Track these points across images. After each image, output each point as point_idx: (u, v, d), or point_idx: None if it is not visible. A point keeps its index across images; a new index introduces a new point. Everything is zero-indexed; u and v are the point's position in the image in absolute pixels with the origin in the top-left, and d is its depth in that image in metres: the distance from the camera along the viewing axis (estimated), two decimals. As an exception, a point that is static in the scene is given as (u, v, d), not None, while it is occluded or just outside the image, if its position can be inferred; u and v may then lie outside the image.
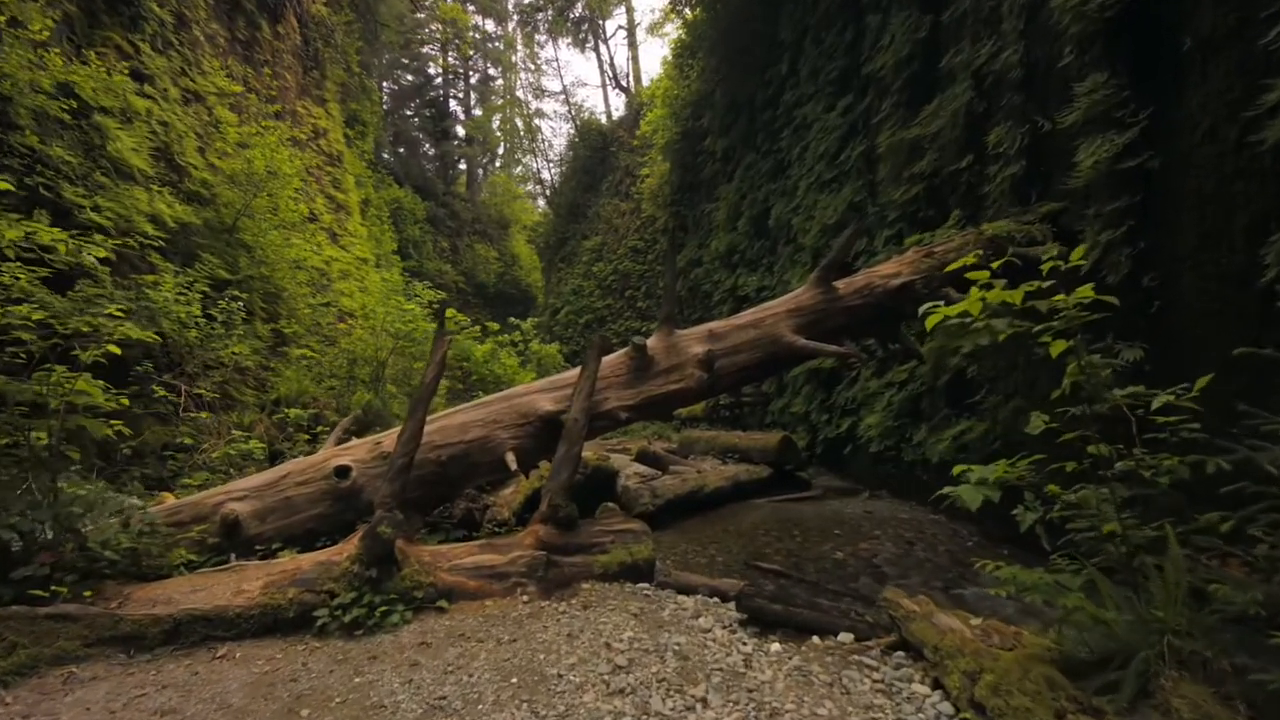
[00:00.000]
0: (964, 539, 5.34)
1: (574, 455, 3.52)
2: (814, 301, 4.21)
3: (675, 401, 4.05)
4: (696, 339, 4.11)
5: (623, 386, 3.94)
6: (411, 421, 3.29)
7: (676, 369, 4.00)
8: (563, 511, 3.37)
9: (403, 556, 2.95)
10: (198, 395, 6.37)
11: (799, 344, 4.02)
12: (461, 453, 3.58)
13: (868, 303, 4.22)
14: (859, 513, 6.39)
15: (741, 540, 5.31)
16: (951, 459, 5.92)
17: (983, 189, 5.87)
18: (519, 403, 3.79)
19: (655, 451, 8.22)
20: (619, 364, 4.01)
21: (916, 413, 6.75)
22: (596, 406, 3.84)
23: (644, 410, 3.95)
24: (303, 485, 3.46)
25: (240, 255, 9.01)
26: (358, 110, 24.02)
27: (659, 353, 4.06)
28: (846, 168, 9.17)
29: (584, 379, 3.66)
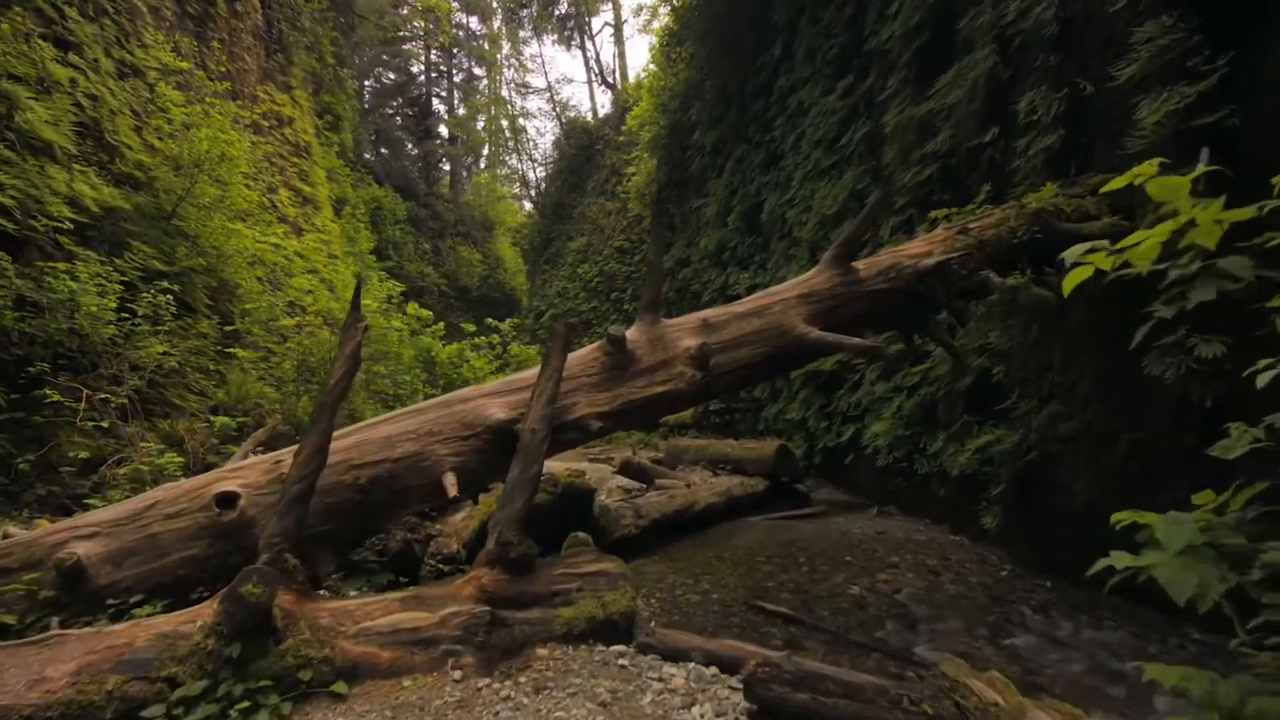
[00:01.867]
0: (995, 567, 4.60)
1: (531, 478, 2.74)
2: (829, 285, 3.47)
3: (661, 407, 3.28)
4: (688, 330, 3.34)
5: (595, 388, 3.16)
6: (312, 436, 2.47)
7: (663, 366, 3.23)
8: (514, 551, 2.59)
9: (287, 621, 2.15)
10: (104, 400, 5.49)
11: (812, 336, 3.26)
12: (386, 474, 2.77)
13: (894, 287, 3.49)
14: (869, 533, 5.65)
15: (739, 570, 4.54)
16: (975, 472, 5.20)
17: (1011, 164, 5.16)
18: (463, 410, 2.99)
19: (640, 463, 7.43)
20: (591, 361, 3.23)
21: (931, 420, 6.02)
22: (562, 414, 3.05)
23: (622, 418, 3.17)
24: (174, 518, 2.62)
25: (179, 245, 8.12)
26: (332, 103, 23.12)
27: (641, 346, 3.29)
28: (848, 153, 8.47)
29: (544, 379, 2.88)
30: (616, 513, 5.10)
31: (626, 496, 6.42)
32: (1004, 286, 3.51)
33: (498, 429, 2.93)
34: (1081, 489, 4.28)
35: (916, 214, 6.63)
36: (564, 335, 2.95)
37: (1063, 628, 3.46)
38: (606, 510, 5.00)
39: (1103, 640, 3.32)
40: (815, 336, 3.24)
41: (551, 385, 2.86)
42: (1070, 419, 4.51)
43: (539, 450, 2.77)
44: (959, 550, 5.00)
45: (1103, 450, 4.23)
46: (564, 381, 3.02)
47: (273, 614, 2.09)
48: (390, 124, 39.52)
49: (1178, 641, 3.33)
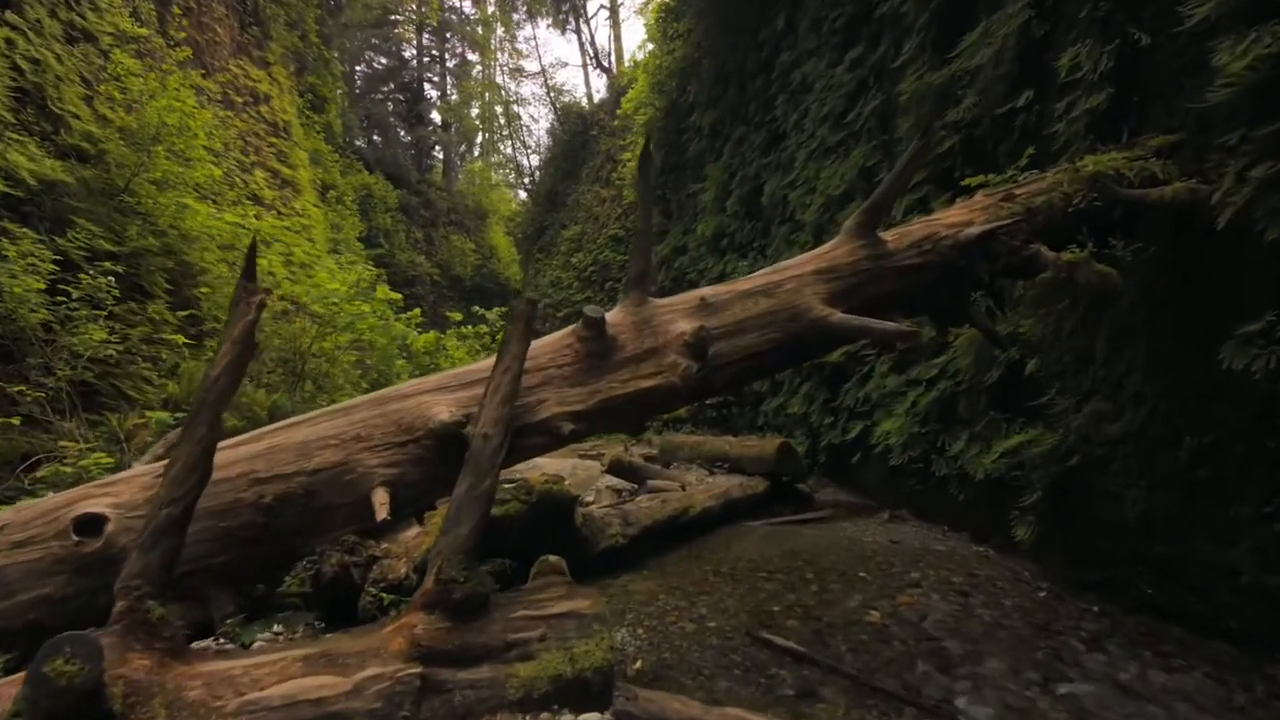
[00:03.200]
0: (1029, 585, 4.06)
1: (482, 495, 2.16)
2: (852, 259, 2.88)
3: (649, 404, 2.70)
4: (682, 312, 2.76)
5: (568, 382, 2.57)
6: (187, 446, 1.87)
7: (651, 356, 2.65)
8: (459, 591, 2.01)
9: (134, 700, 1.57)
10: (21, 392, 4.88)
11: (833, 319, 2.67)
12: (300, 490, 2.19)
13: (928, 262, 2.91)
14: (883, 542, 5.10)
15: (739, 589, 3.98)
16: (1002, 476, 4.64)
17: (1048, 130, 4.57)
18: (399, 409, 2.40)
19: (631, 461, 6.87)
20: (562, 349, 2.65)
21: (951, 417, 5.46)
22: (524, 414, 2.47)
23: (601, 418, 2.59)
24: (23, 547, 2.04)
25: (132, 224, 7.48)
26: (317, 84, 22.39)
27: (625, 331, 2.70)
28: (856, 128, 7.86)
29: (500, 371, 2.28)
30: (602, 521, 4.54)
31: (615, 501, 5.87)
32: (1058, 263, 2.93)
33: (442, 433, 2.34)
34: (1134, 499, 3.72)
35: (934, 192, 6.05)
36: (525, 316, 2.36)
37: (1125, 669, 2.91)
38: (591, 519, 4.44)
39: (1177, 687, 2.77)
40: (837, 320, 2.66)
41: (509, 379, 2.28)
42: (1117, 418, 3.95)
43: (493, 460, 2.20)
44: (985, 564, 4.45)
45: (1160, 454, 3.67)
46: (528, 374, 2.45)
47: (105, 693, 1.52)
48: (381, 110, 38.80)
49: (1265, 687, 2.79)
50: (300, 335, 6.80)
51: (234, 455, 2.29)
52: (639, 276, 2.78)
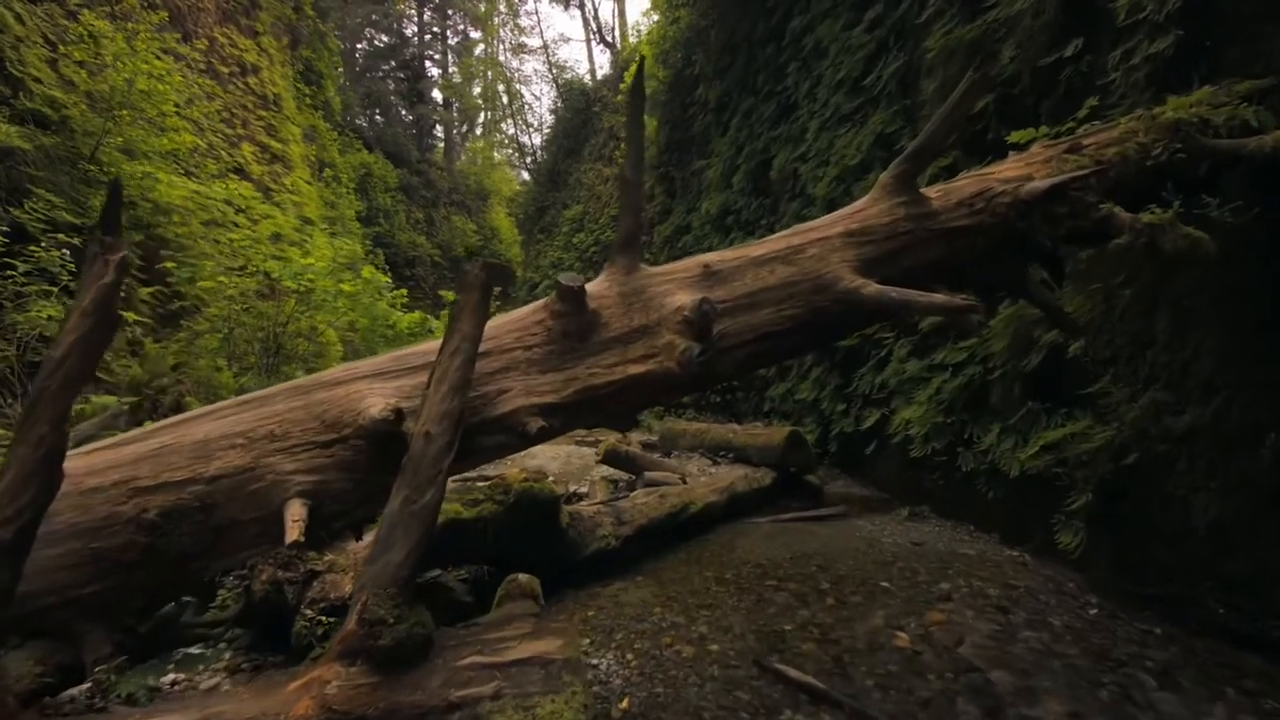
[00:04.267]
0: (1076, 600, 3.58)
1: (422, 511, 1.68)
2: (889, 219, 2.38)
3: (638, 394, 2.21)
4: (681, 281, 2.26)
5: (538, 368, 2.08)
6: (21, 448, 1.40)
7: (642, 335, 2.15)
8: (388, 635, 1.55)
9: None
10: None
11: (867, 291, 2.17)
12: (195, 503, 1.73)
13: (981, 223, 2.40)
14: (903, 544, 4.63)
15: (745, 601, 3.52)
16: (1041, 473, 4.15)
17: (1104, 80, 4.01)
18: (325, 400, 1.92)
19: (628, 451, 6.40)
20: (531, 326, 2.15)
21: (980, 406, 4.96)
22: (482, 407, 1.99)
23: (579, 411, 2.09)
24: None
25: (97, 194, 6.98)
26: (313, 58, 21.76)
27: (610, 304, 2.20)
28: (875, 92, 7.28)
29: (448, 353, 1.80)
30: (591, 520, 4.08)
31: (611, 494, 5.41)
32: (1136, 226, 2.41)
33: (375, 431, 1.86)
34: (1204, 504, 3.23)
35: (963, 159, 5.49)
36: (481, 283, 1.87)
37: (1208, 712, 2.43)
38: (579, 518, 3.97)
39: (1277, 737, 2.29)
40: (872, 292, 2.16)
41: (460, 363, 1.80)
42: (1182, 410, 3.45)
43: (436, 466, 1.72)
44: (1022, 573, 3.97)
45: (1236, 453, 3.17)
46: (486, 358, 1.97)
47: None
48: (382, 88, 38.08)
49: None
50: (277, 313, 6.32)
51: (111, 458, 1.82)
52: (627, 238, 2.28)
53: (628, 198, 2.29)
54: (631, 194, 2.28)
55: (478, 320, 1.86)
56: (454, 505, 3.11)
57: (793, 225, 7.42)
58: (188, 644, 2.56)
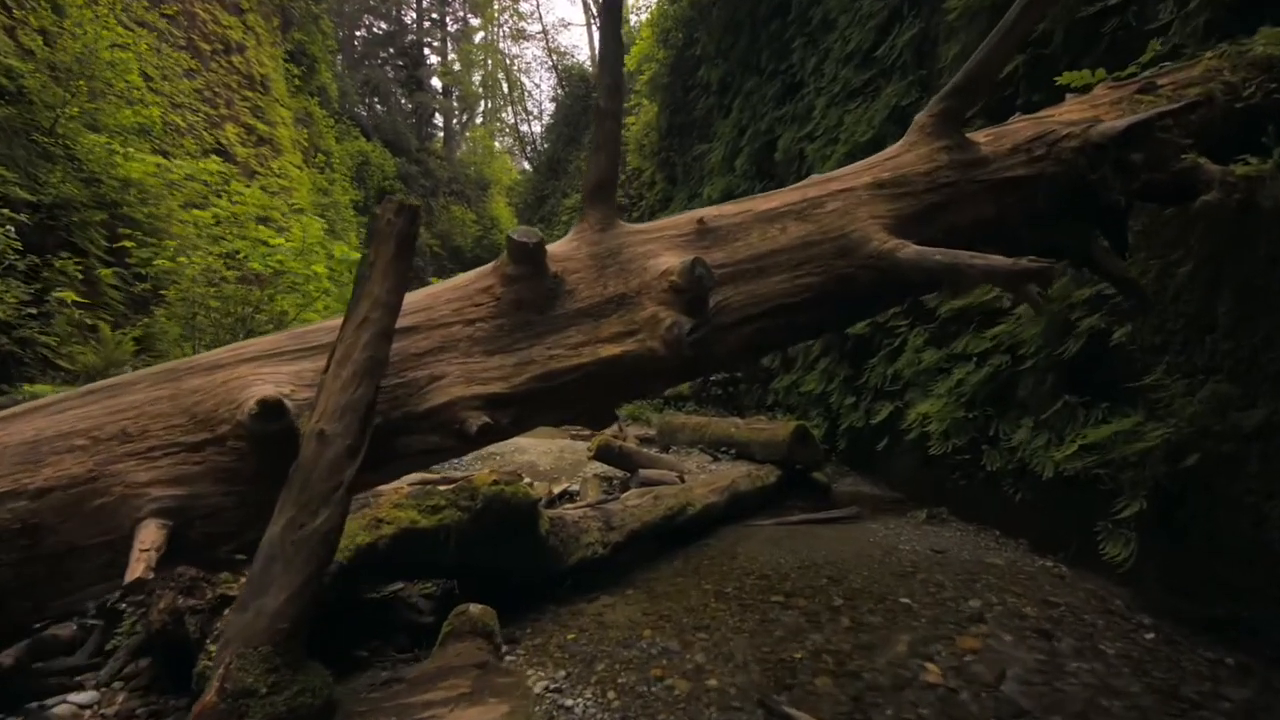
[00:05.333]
0: (1128, 622, 3.13)
1: (312, 539, 1.24)
2: (928, 167, 1.92)
3: (612, 382, 1.75)
4: (668, 241, 1.80)
5: (482, 348, 1.61)
6: None
7: (619, 307, 1.70)
8: (258, 712, 1.12)
9: None
10: None
11: (904, 255, 1.70)
12: (15, 524, 1.29)
13: (1042, 173, 1.94)
14: (923, 552, 4.18)
15: (749, 621, 3.08)
16: (1079, 474, 3.70)
17: (1159, 23, 3.53)
18: (198, 388, 1.46)
19: (622, 446, 5.96)
20: (474, 296, 1.69)
21: (1008, 399, 4.51)
22: (407, 398, 1.53)
23: (536, 403, 1.63)
24: None
25: (57, 170, 6.53)
26: (305, 41, 21.26)
27: (578, 268, 1.76)
28: (888, 63, 6.80)
29: (354, 326, 1.34)
30: (576, 526, 3.64)
31: (602, 493, 4.97)
32: (1229, 179, 1.95)
33: (259, 430, 1.41)
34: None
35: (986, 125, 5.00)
36: (398, 232, 1.40)
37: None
38: (562, 524, 3.54)
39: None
40: (911, 255, 1.70)
41: (371, 338, 1.34)
42: (1251, 404, 3.00)
43: (335, 477, 1.27)
44: (1060, 587, 3.53)
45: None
46: (415, 335, 1.52)
47: None
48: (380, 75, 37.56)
49: None
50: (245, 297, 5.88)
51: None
52: (601, 184, 1.82)
53: (603, 132, 1.82)
54: (607, 128, 1.81)
55: (394, 282, 1.42)
56: (409, 512, 2.68)
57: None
58: (77, 689, 2.12)
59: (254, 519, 1.48)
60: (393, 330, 1.43)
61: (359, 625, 2.73)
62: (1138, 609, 3.23)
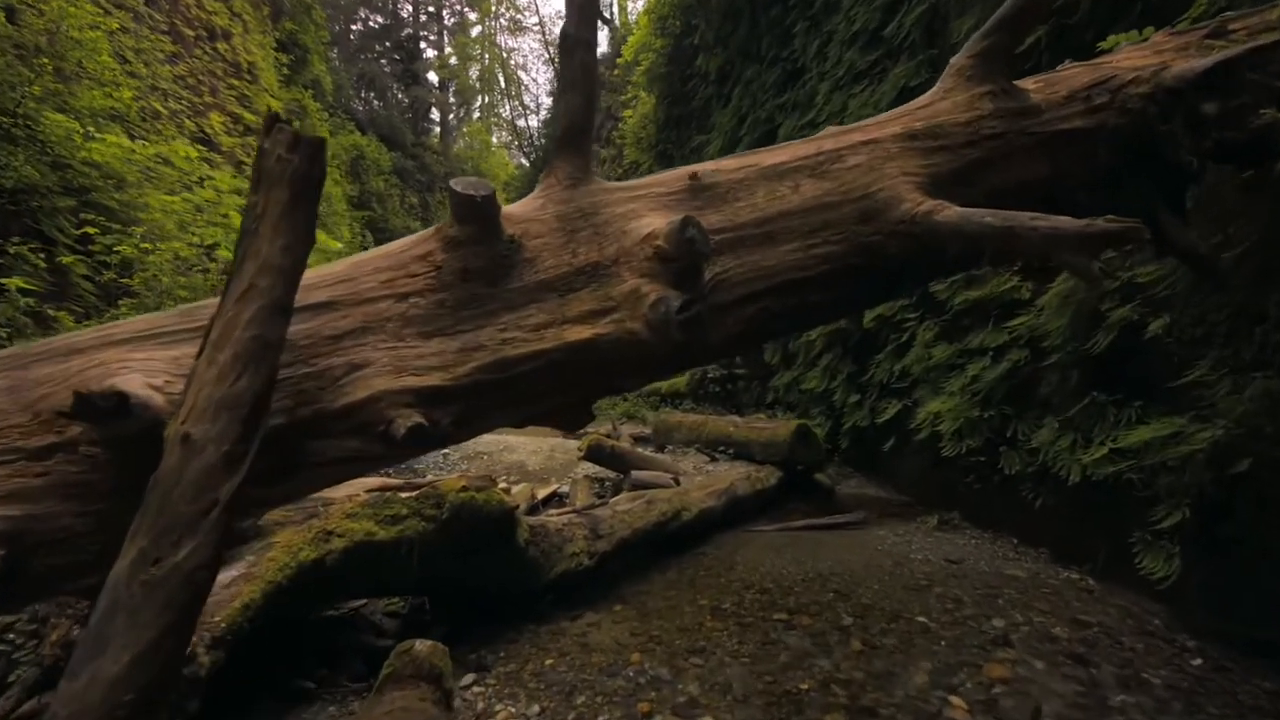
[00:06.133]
0: (1166, 642, 2.82)
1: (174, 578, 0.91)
2: (968, 117, 1.61)
3: (583, 372, 1.43)
4: (654, 199, 1.48)
5: (417, 327, 1.28)
6: None
7: (591, 278, 1.37)
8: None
9: None
10: None
11: (945, 218, 1.37)
12: None
13: (1103, 125, 1.63)
14: (937, 562, 3.87)
15: (749, 644, 2.77)
16: (1108, 479, 3.39)
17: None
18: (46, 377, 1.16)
19: (614, 446, 5.65)
20: (407, 262, 1.36)
21: (1027, 398, 4.19)
22: (318, 391, 1.21)
23: (485, 398, 1.30)
24: None
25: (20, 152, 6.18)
26: (296, 31, 20.89)
27: (542, 232, 1.42)
28: (895, 44, 6.47)
29: (234, 298, 1.03)
30: (559, 535, 3.32)
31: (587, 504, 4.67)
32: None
33: (111, 431, 1.10)
34: (1350, 527, 2.48)
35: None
36: (295, 173, 1.08)
37: None
38: (543, 533, 3.21)
39: None
40: (952, 219, 1.37)
41: (258, 314, 1.01)
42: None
43: (205, 494, 0.94)
44: (1090, 603, 3.21)
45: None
46: (329, 311, 1.21)
47: None
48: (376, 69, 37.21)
49: None
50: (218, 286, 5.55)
51: None
52: (571, 132, 1.49)
53: (573, 66, 1.49)
54: (579, 60, 1.48)
55: (291, 240, 1.09)
56: (364, 523, 2.36)
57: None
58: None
59: (116, 546, 1.16)
60: (290, 303, 1.11)
61: (306, 651, 2.41)
62: (1178, 629, 2.92)
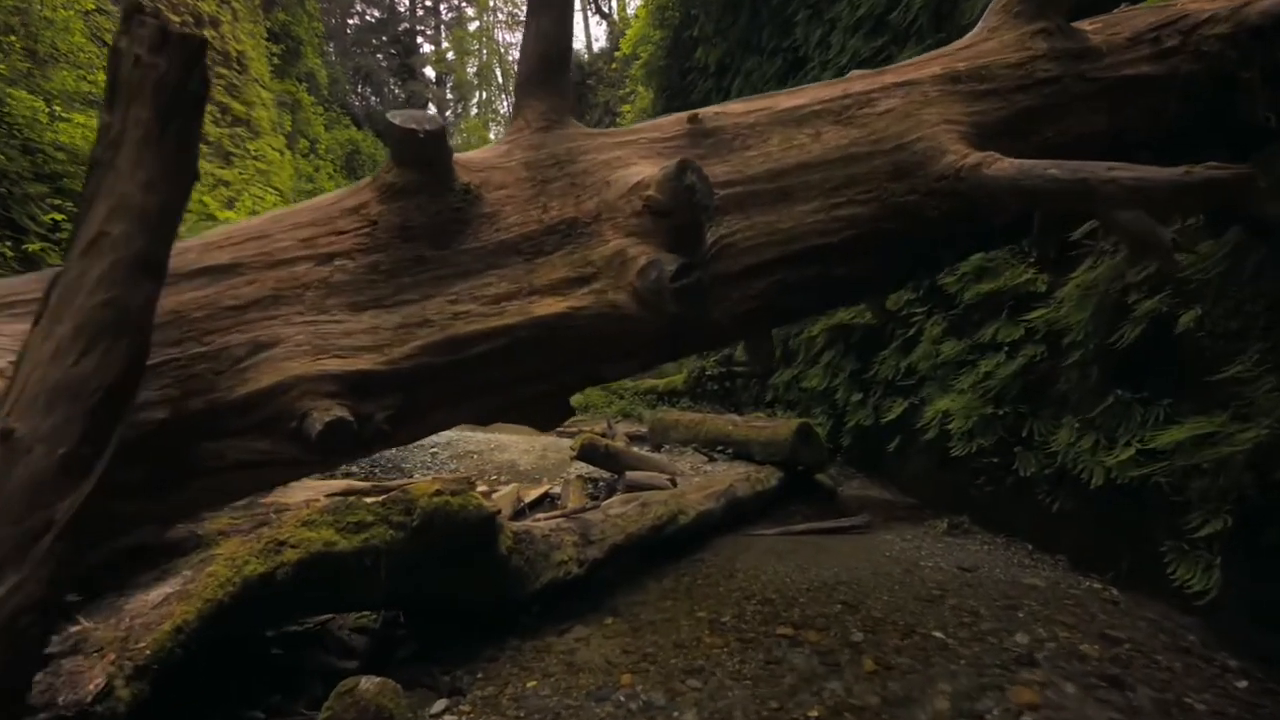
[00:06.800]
0: (1205, 660, 2.59)
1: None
2: (1019, 57, 1.37)
3: (555, 355, 1.18)
4: (646, 145, 1.24)
5: (344, 299, 1.04)
6: None
7: (566, 239, 1.12)
8: None
9: None
10: None
11: (997, 172, 1.15)
12: None
13: (1174, 72, 1.41)
14: (949, 570, 3.64)
15: (750, 663, 2.53)
16: (1134, 482, 3.16)
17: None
18: None
19: (608, 445, 5.41)
20: (334, 217, 1.11)
21: (1043, 396, 3.97)
22: (214, 378, 0.96)
23: (430, 386, 1.04)
24: None
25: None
26: (289, 22, 20.57)
27: (505, 182, 1.17)
28: (901, 28, 6.24)
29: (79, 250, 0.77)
30: (547, 541, 3.08)
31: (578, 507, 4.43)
32: None
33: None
34: None
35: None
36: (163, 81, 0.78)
37: None
38: (528, 539, 2.97)
39: None
40: (1007, 171, 1.12)
41: (110, 269, 0.74)
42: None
43: (38, 512, 0.68)
44: (1117, 615, 2.99)
45: None
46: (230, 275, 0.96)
47: None
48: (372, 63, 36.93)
49: None
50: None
51: None
52: (544, 65, 1.25)
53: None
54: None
55: (159, 173, 0.83)
56: (323, 532, 2.12)
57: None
58: None
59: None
60: (160, 258, 0.85)
61: (258, 675, 2.17)
62: (1216, 646, 2.69)
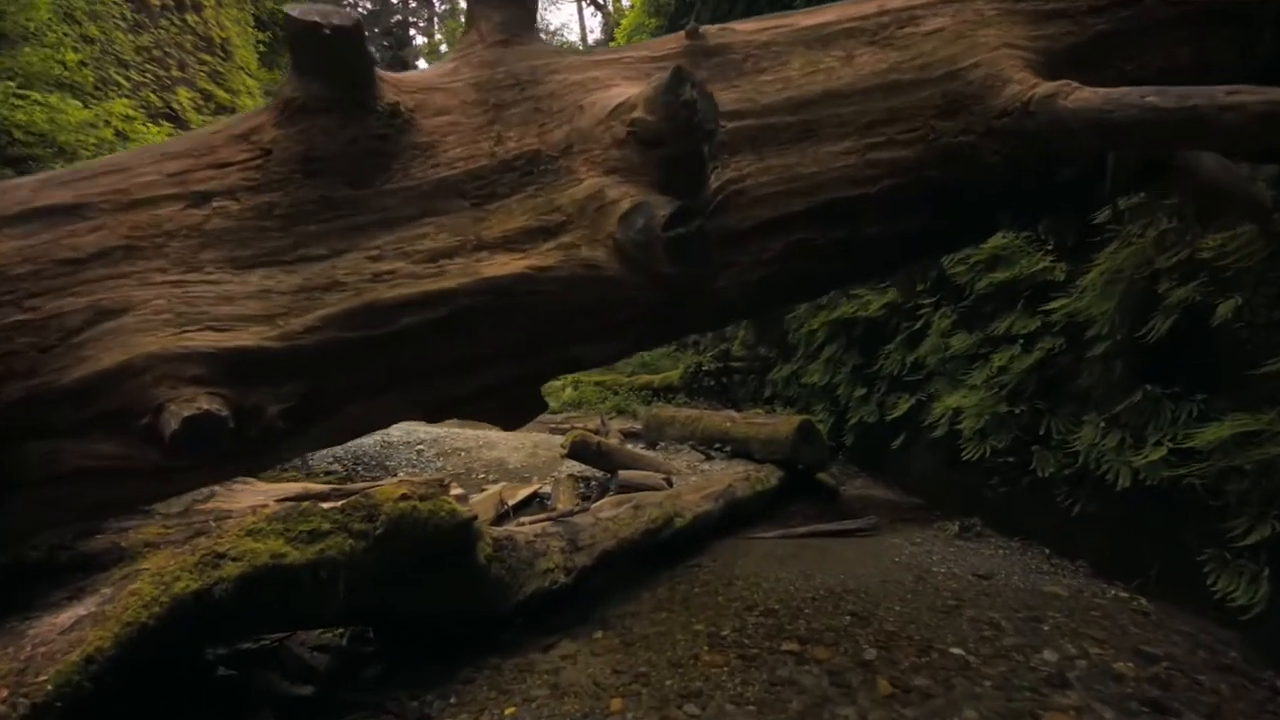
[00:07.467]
0: (1251, 680, 2.38)
1: None
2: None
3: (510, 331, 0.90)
4: (630, 66, 1.00)
5: (222, 251, 0.74)
6: None
7: (525, 176, 0.83)
8: None
9: None
10: None
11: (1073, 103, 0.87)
12: None
13: None
14: (964, 577, 3.41)
15: (753, 684, 2.29)
16: (1165, 483, 2.93)
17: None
18: None
19: (600, 443, 5.16)
20: (216, 146, 0.85)
21: (1062, 391, 3.73)
22: (39, 356, 0.73)
23: (344, 372, 0.78)
24: None
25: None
26: (278, 11, 20.19)
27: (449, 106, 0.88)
28: (908, 9, 5.96)
29: None
30: (531, 547, 2.83)
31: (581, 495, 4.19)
32: None
33: None
34: None
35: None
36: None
37: None
38: (510, 546, 2.72)
39: None
40: (1091, 101, 0.88)
41: None
42: None
43: None
44: (1150, 630, 2.76)
45: None
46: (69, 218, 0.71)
47: None
48: (364, 55, 36.56)
49: None
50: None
51: None
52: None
53: None
54: None
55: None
56: (271, 542, 1.86)
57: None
58: None
59: None
60: None
61: (198, 700, 1.91)
62: (1260, 663, 2.46)
